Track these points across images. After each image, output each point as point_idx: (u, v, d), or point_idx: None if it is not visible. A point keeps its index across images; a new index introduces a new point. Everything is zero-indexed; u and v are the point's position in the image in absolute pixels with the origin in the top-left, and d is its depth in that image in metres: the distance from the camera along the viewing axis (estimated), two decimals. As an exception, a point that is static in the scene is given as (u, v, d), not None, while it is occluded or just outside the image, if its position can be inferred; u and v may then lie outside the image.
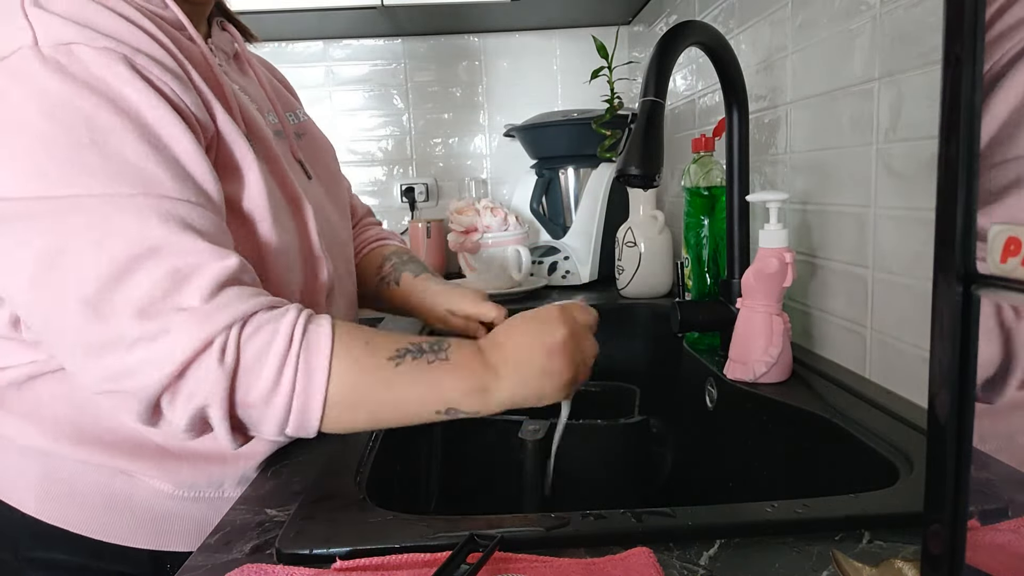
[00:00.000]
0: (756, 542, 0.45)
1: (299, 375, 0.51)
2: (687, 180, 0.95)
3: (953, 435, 0.27)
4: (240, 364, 0.50)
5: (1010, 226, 0.24)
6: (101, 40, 0.51)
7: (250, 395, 0.50)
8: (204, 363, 0.49)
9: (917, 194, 0.65)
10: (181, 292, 0.49)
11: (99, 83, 0.50)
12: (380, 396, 0.54)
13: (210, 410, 0.50)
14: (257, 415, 0.51)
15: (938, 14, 0.43)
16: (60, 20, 0.51)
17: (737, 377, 0.78)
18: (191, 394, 0.49)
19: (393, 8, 1.45)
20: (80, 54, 0.50)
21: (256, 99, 0.72)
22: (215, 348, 0.49)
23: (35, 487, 0.63)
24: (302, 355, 0.51)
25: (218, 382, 0.49)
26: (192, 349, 0.48)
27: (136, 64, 0.52)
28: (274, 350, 0.50)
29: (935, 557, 0.28)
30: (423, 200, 1.84)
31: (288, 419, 0.52)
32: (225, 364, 0.49)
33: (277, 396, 0.51)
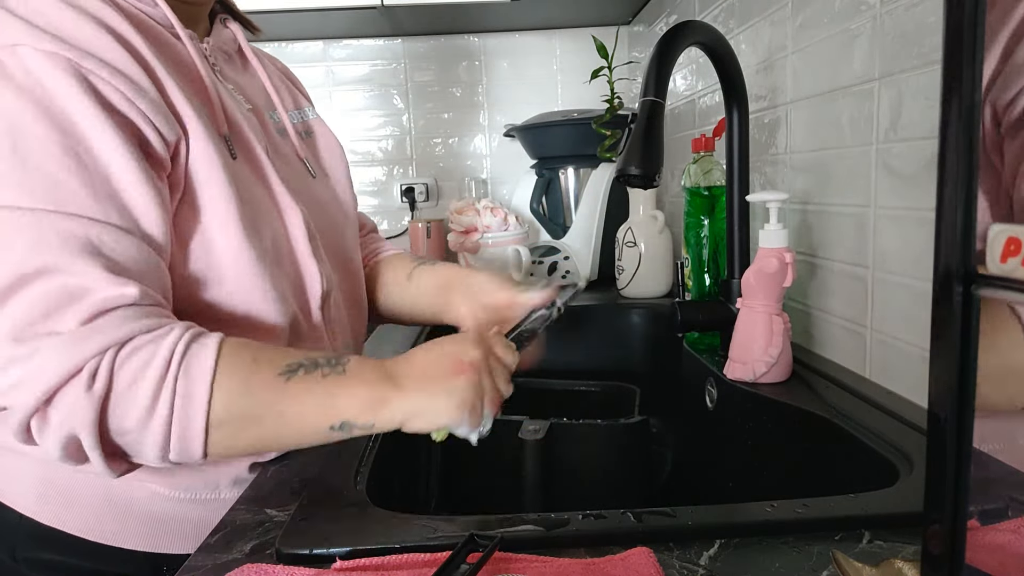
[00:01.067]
0: (756, 542, 0.45)
1: (177, 398, 0.48)
2: (687, 180, 0.95)
3: (953, 435, 0.27)
4: (112, 390, 0.48)
5: (1010, 226, 0.24)
6: (48, 43, 0.49)
7: (124, 422, 0.48)
8: (72, 390, 0.47)
9: (917, 194, 0.65)
10: (59, 316, 0.48)
11: (35, 88, 0.49)
12: (267, 414, 0.51)
13: (81, 437, 0.48)
14: (133, 441, 0.49)
15: (938, 14, 0.43)
16: (14, 20, 0.50)
17: (737, 377, 0.78)
18: (60, 422, 0.48)
19: (393, 8, 1.45)
20: (23, 55, 0.49)
21: (255, 98, 0.71)
22: (84, 374, 0.47)
23: (34, 488, 0.63)
24: (180, 378, 0.49)
25: (85, 409, 0.47)
26: (60, 374, 0.46)
27: (82, 69, 0.50)
28: (150, 374, 0.48)
29: (935, 557, 0.28)
30: (423, 200, 1.84)
31: (168, 445, 0.49)
32: (94, 391, 0.47)
33: (153, 422, 0.48)
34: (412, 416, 0.52)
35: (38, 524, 0.62)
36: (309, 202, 0.70)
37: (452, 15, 1.61)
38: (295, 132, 0.75)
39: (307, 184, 0.73)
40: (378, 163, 1.85)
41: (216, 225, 0.58)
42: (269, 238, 0.62)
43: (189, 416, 0.49)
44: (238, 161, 0.61)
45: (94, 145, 0.50)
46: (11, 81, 0.49)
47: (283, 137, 0.73)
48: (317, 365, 0.52)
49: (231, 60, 0.72)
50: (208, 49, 0.67)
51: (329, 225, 0.74)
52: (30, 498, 0.63)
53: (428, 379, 0.53)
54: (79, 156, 0.50)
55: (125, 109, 0.52)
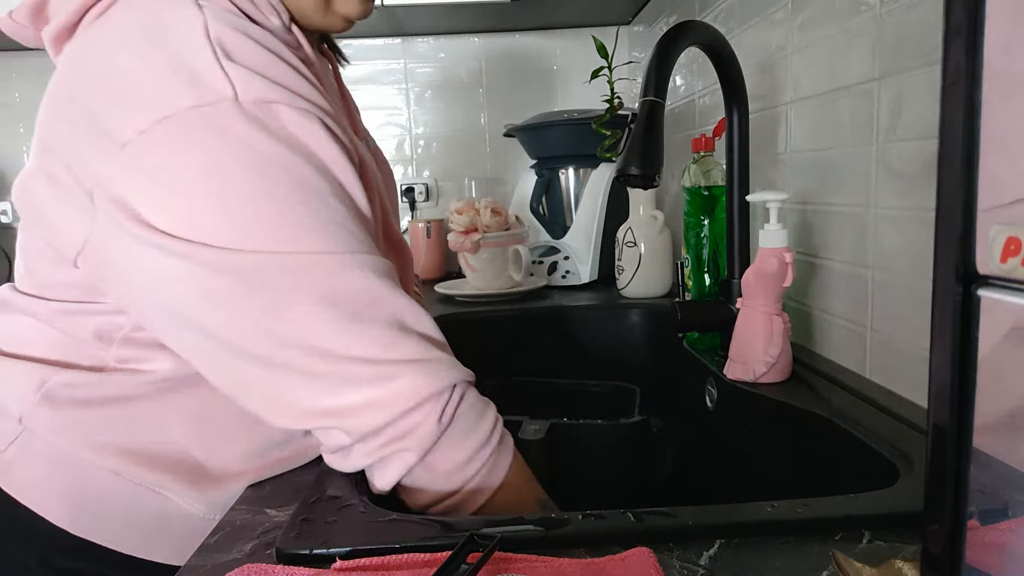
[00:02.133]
0: (756, 542, 0.45)
1: (484, 470, 0.54)
2: (687, 180, 0.95)
3: (953, 435, 0.27)
4: (451, 428, 0.52)
5: (1010, 226, 0.24)
6: (299, 101, 0.52)
7: (442, 462, 0.53)
8: (425, 411, 0.51)
9: (917, 194, 0.65)
10: (403, 343, 0.51)
11: (298, 143, 0.51)
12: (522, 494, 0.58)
13: (405, 454, 0.52)
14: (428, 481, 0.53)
15: (938, 14, 0.43)
16: (259, 78, 0.51)
17: (737, 377, 0.78)
18: (398, 437, 0.51)
19: (393, 8, 1.45)
20: (279, 113, 0.50)
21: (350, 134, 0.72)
22: (439, 402, 0.51)
23: (65, 499, 0.62)
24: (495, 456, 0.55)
25: (430, 435, 0.51)
26: (420, 396, 0.50)
27: (327, 125, 0.53)
28: (477, 435, 0.54)
29: (935, 557, 0.28)
30: (423, 200, 1.84)
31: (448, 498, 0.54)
32: (442, 421, 0.51)
33: (457, 476, 0.53)
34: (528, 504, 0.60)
35: (69, 534, 0.62)
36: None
37: (452, 15, 1.61)
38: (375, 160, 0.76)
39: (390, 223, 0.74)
40: (379, 163, 1.85)
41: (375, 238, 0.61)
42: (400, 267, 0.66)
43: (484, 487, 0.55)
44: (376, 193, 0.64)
45: (351, 191, 0.54)
46: (276, 136, 0.50)
47: None
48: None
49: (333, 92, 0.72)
50: None
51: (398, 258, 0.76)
52: (62, 508, 0.62)
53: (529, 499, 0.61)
54: (346, 202, 0.53)
55: (352, 156, 0.55)
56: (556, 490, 0.80)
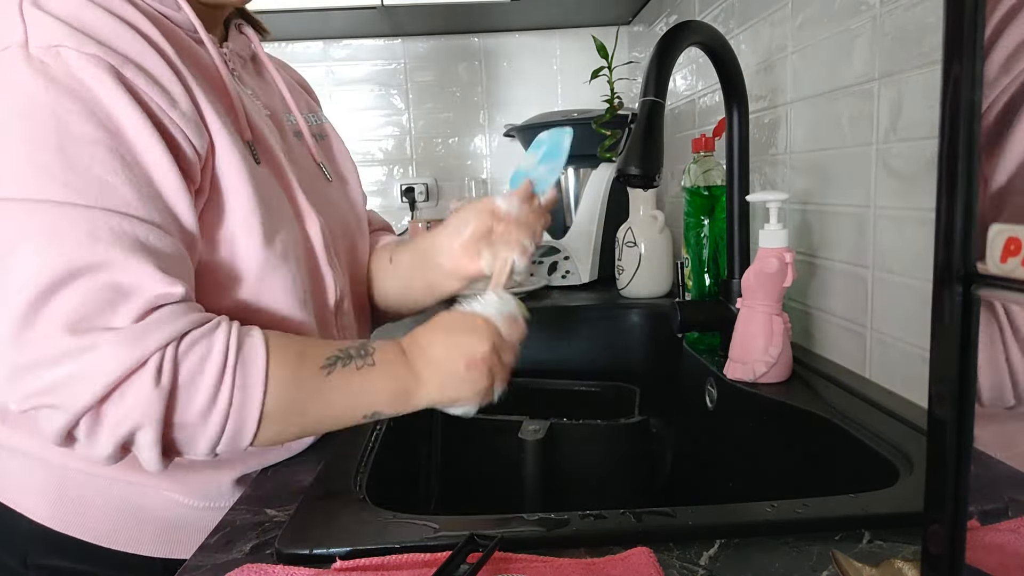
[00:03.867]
0: (756, 542, 0.45)
1: (236, 391, 0.50)
2: (687, 180, 0.95)
3: (953, 435, 0.27)
4: (177, 384, 0.49)
5: (1010, 226, 0.24)
6: (91, 46, 0.50)
7: (186, 415, 0.49)
8: (137, 384, 0.47)
9: (917, 194, 0.65)
10: (113, 311, 0.48)
11: (81, 90, 0.50)
12: (311, 406, 0.54)
13: (141, 433, 0.48)
14: (190, 435, 0.51)
15: (938, 14, 0.43)
16: (53, 21, 0.50)
17: (737, 377, 0.78)
18: (121, 418, 0.48)
19: (393, 8, 1.45)
20: (67, 57, 0.49)
21: (271, 103, 0.71)
22: (150, 368, 0.47)
23: (47, 495, 0.62)
24: (238, 370, 0.50)
25: (154, 404, 0.47)
26: (123, 369, 0.47)
27: (123, 75, 0.51)
28: (209, 368, 0.49)
29: (935, 557, 0.28)
30: (423, 200, 1.84)
31: (222, 437, 0.51)
32: (161, 385, 0.48)
33: (213, 414, 0.50)
34: (434, 403, 0.59)
35: (50, 531, 0.62)
36: (325, 207, 0.70)
37: (452, 15, 1.61)
38: (310, 135, 0.75)
39: (322, 188, 0.73)
40: (378, 163, 1.85)
41: (240, 230, 0.59)
42: (291, 243, 0.63)
43: (245, 409, 0.51)
44: (261, 166, 0.62)
45: (137, 148, 0.51)
46: (56, 81, 0.49)
47: (299, 140, 0.73)
48: (351, 357, 0.56)
49: (247, 65, 0.71)
50: (227, 54, 0.66)
51: (343, 231, 0.75)
52: (43, 505, 0.62)
53: (446, 373, 0.58)
54: (124, 158, 0.50)
55: (161, 117, 0.53)
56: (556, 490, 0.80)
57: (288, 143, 0.70)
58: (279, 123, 0.70)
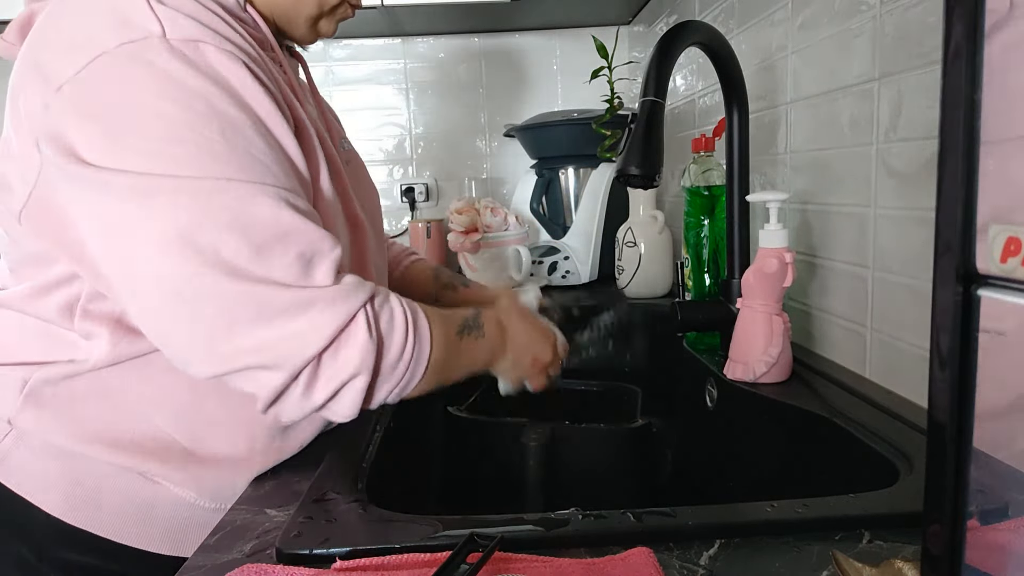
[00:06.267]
0: (756, 542, 0.45)
1: (416, 344, 0.58)
2: (687, 180, 0.95)
3: (953, 435, 0.27)
4: (382, 335, 0.56)
5: (1010, 226, 0.24)
6: (225, 43, 0.54)
7: (385, 363, 0.56)
8: (355, 335, 0.53)
9: (917, 194, 0.65)
10: (313, 273, 0.53)
11: (221, 79, 0.53)
12: (450, 362, 0.63)
13: (357, 380, 0.54)
14: (381, 382, 0.57)
15: (938, 14, 0.43)
16: (186, 18, 0.53)
17: (737, 377, 0.78)
18: (341, 367, 0.53)
19: (393, 8, 1.45)
20: (205, 52, 0.53)
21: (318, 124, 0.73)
22: (361, 321, 0.54)
23: (61, 489, 0.63)
24: (417, 328, 0.59)
25: (369, 352, 0.54)
26: (340, 322, 0.52)
27: (252, 68, 0.55)
28: (397, 324, 0.57)
29: (935, 557, 0.28)
30: (423, 200, 1.84)
31: (398, 385, 0.58)
32: (373, 336, 0.54)
33: (400, 364, 0.57)
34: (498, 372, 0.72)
35: (64, 524, 0.62)
36: None
37: (452, 15, 1.61)
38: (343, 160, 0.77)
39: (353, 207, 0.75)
40: (378, 163, 1.85)
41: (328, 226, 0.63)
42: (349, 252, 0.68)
43: (420, 359, 0.59)
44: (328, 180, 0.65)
45: (275, 131, 0.56)
46: (200, 71, 0.52)
47: None
48: (470, 328, 0.66)
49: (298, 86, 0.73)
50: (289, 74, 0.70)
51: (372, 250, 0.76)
52: (57, 498, 0.63)
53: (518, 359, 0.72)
54: (267, 139, 0.55)
55: (282, 108, 0.57)
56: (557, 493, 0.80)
57: None
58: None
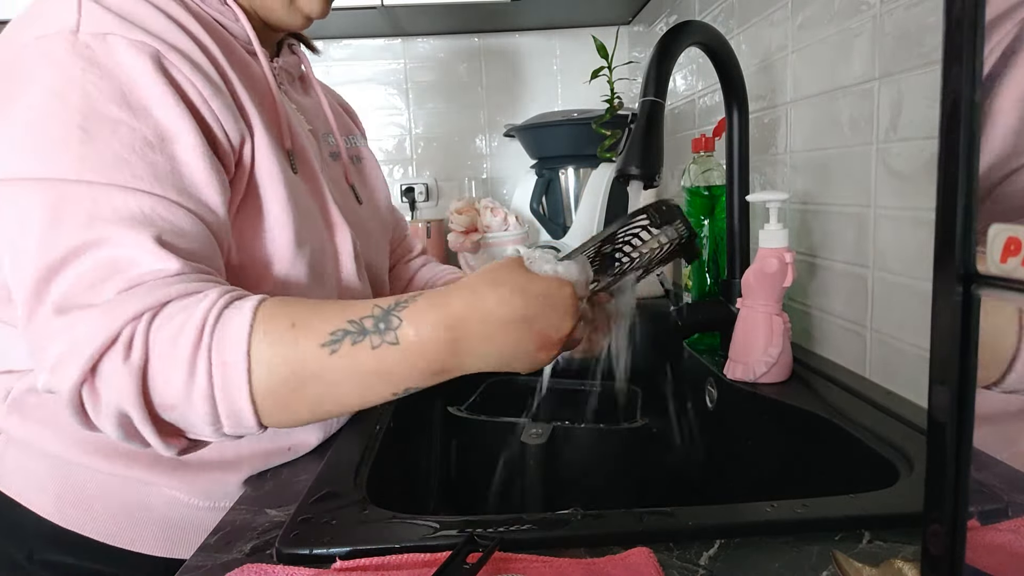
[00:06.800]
0: (756, 542, 0.45)
1: (214, 368, 0.45)
2: (687, 180, 0.95)
3: (953, 435, 0.27)
4: (149, 360, 0.45)
5: (1010, 226, 0.24)
6: (138, 33, 0.52)
7: (166, 395, 0.46)
8: (110, 361, 0.45)
9: (917, 194, 0.64)
10: (101, 287, 0.46)
11: (117, 71, 0.51)
12: (316, 391, 0.47)
13: (129, 413, 0.46)
14: (181, 416, 0.47)
15: (938, 14, 0.43)
16: (106, 12, 0.52)
17: (737, 377, 0.78)
18: (108, 397, 0.45)
19: (393, 8, 1.45)
20: (112, 43, 0.51)
21: (315, 120, 0.74)
22: (120, 344, 0.45)
23: (53, 491, 0.63)
24: (214, 347, 0.45)
25: (125, 381, 0.44)
26: (97, 344, 0.44)
27: (164, 60, 0.53)
28: (183, 342, 0.45)
29: (935, 557, 0.28)
30: (423, 200, 1.84)
31: (219, 420, 0.47)
32: (131, 361, 0.44)
33: (194, 393, 0.45)
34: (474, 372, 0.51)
35: (56, 527, 0.62)
36: (355, 226, 0.72)
37: (452, 15, 1.61)
38: (347, 157, 0.77)
39: (353, 208, 0.75)
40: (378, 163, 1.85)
41: (272, 233, 0.60)
42: (320, 253, 0.64)
43: (232, 387, 0.46)
44: (298, 176, 0.64)
45: (165, 130, 0.52)
46: (97, 65, 0.51)
47: (335, 161, 0.76)
48: (365, 332, 0.47)
49: (295, 82, 0.75)
50: (277, 69, 0.69)
51: (371, 251, 0.76)
52: (49, 501, 0.63)
53: (504, 356, 0.50)
54: (146, 138, 0.50)
55: (199, 104, 0.54)
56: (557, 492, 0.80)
57: (324, 161, 0.73)
58: (318, 141, 0.73)
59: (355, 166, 0.80)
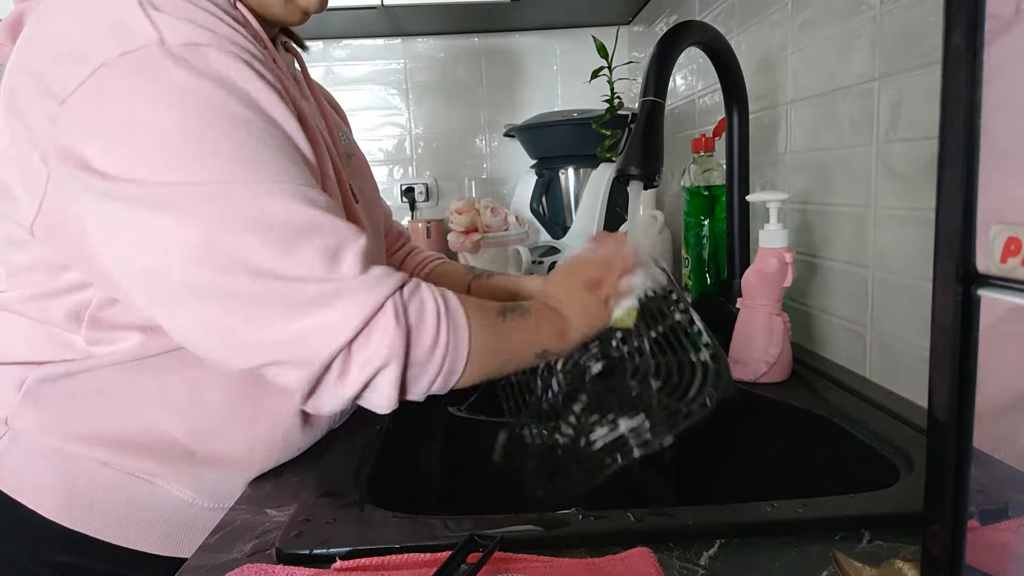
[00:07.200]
0: (756, 542, 0.45)
1: (451, 332, 0.56)
2: (687, 180, 0.95)
3: (953, 435, 0.27)
4: (411, 324, 0.54)
5: (1010, 226, 0.24)
6: (225, 44, 0.53)
7: (418, 352, 0.55)
8: (381, 325, 0.52)
9: (917, 194, 0.65)
10: (340, 264, 0.52)
11: (226, 80, 0.52)
12: (501, 346, 0.61)
13: (387, 371, 0.53)
14: (418, 372, 0.56)
15: (938, 14, 0.43)
16: (182, 22, 0.52)
17: (737, 377, 0.78)
18: (369, 358, 0.52)
19: (393, 8, 1.45)
20: (207, 55, 0.52)
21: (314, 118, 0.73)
22: (389, 310, 0.53)
23: (57, 492, 0.62)
24: (450, 315, 0.57)
25: (398, 340, 0.53)
26: (367, 313, 0.52)
27: (255, 66, 0.54)
28: (429, 312, 0.55)
29: (935, 557, 0.28)
30: (423, 200, 1.84)
31: (439, 375, 0.56)
32: (401, 324, 0.53)
33: (436, 352, 0.55)
34: (585, 335, 0.66)
35: (61, 527, 0.62)
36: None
37: (452, 15, 1.61)
38: (343, 155, 0.77)
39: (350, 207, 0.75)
40: (378, 163, 1.85)
41: None
42: None
43: (459, 347, 0.57)
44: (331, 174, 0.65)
45: (285, 127, 0.55)
46: (202, 74, 0.52)
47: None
48: (511, 310, 0.63)
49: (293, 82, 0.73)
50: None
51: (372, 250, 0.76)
52: (52, 500, 0.62)
53: (579, 305, 0.66)
54: (276, 136, 0.54)
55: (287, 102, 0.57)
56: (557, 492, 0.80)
57: None
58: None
59: (348, 164, 0.80)
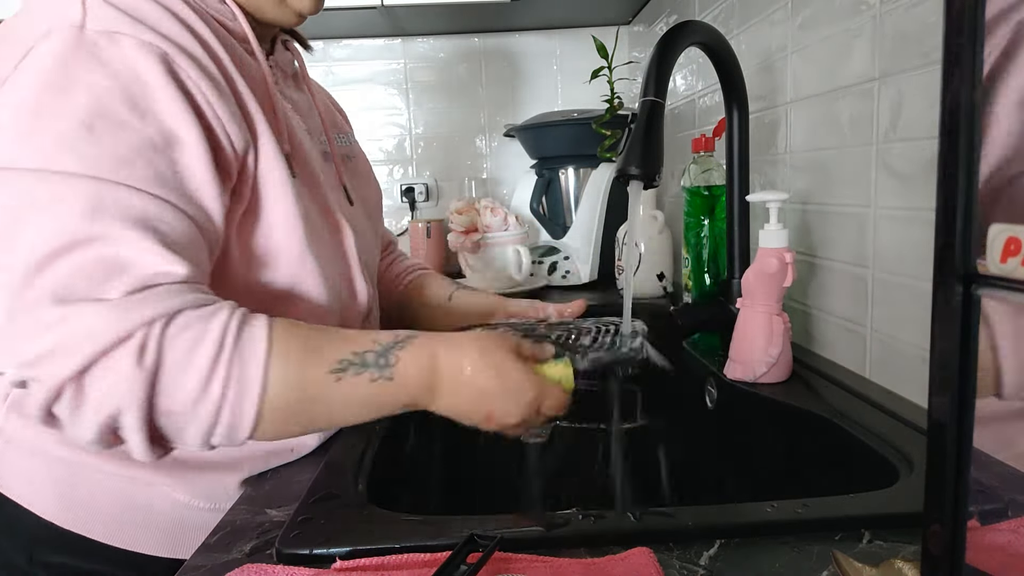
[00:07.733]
0: (756, 542, 0.45)
1: (231, 383, 0.47)
2: (687, 180, 0.95)
3: (953, 435, 0.27)
4: (162, 366, 0.46)
5: (1010, 226, 0.24)
6: (148, 34, 0.51)
7: (173, 402, 0.46)
8: (118, 360, 0.45)
9: (917, 194, 0.65)
10: (106, 284, 0.46)
11: (126, 72, 0.51)
12: (314, 409, 0.51)
13: (124, 417, 0.46)
14: (178, 425, 0.48)
15: (938, 14, 0.43)
16: (112, 8, 0.52)
17: (737, 377, 0.78)
18: (102, 398, 0.45)
19: (393, 8, 1.45)
20: (122, 43, 0.51)
21: (308, 118, 0.73)
22: (132, 345, 0.45)
23: (54, 492, 0.62)
24: (235, 362, 0.47)
25: (135, 383, 0.45)
26: (105, 341, 0.44)
27: (174, 63, 0.52)
28: (201, 353, 0.47)
29: (935, 557, 0.28)
30: (423, 200, 1.84)
31: (215, 430, 0.48)
32: (144, 364, 0.45)
33: (203, 405, 0.47)
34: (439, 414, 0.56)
35: (57, 528, 0.62)
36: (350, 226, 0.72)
37: (452, 15, 1.61)
38: (339, 157, 0.77)
39: (346, 210, 0.75)
40: (378, 163, 1.85)
41: (281, 240, 0.60)
42: (327, 256, 0.65)
43: (242, 402, 0.48)
44: (297, 179, 0.63)
45: (171, 134, 0.52)
46: (103, 63, 0.50)
47: (327, 161, 0.75)
48: (366, 366, 0.52)
49: (288, 80, 0.74)
50: (272, 65, 0.69)
51: (366, 252, 0.76)
52: (50, 502, 0.62)
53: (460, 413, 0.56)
54: (151, 140, 0.50)
55: (205, 109, 0.54)
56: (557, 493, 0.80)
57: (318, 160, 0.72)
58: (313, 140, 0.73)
59: (346, 165, 0.80)
